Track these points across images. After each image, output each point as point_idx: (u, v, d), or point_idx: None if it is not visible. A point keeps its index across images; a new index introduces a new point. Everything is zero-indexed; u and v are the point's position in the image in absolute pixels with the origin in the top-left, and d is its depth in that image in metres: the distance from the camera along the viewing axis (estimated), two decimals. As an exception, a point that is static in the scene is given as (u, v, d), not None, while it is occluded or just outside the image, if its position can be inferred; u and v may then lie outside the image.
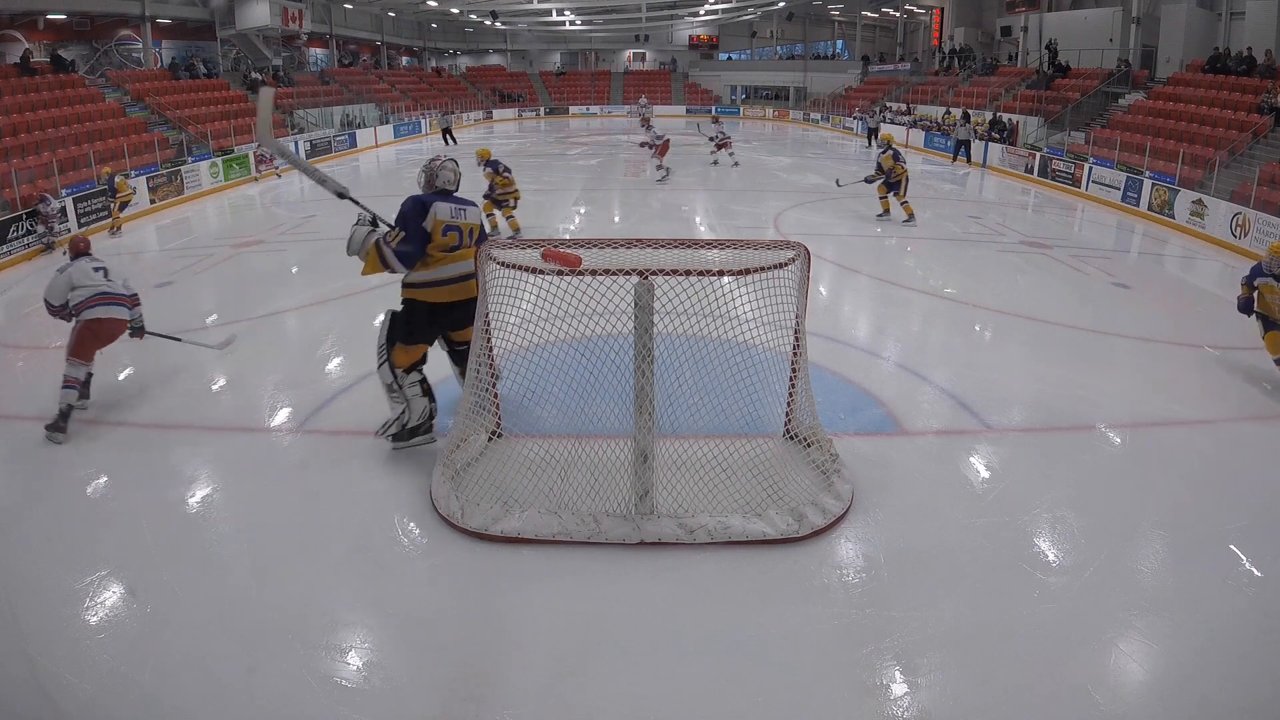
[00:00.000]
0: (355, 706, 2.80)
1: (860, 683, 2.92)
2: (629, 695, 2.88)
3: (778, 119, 34.42)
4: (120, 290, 5.23)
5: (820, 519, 3.80)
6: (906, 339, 6.77)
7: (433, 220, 4.25)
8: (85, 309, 5.01)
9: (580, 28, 38.20)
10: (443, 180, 4.48)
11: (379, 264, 4.27)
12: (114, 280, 5.22)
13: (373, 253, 4.26)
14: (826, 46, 40.28)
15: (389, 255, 4.21)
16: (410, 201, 4.28)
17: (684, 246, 3.88)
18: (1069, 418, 5.14)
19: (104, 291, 5.09)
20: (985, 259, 9.85)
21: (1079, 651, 3.07)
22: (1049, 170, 16.30)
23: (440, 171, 4.49)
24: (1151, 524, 3.98)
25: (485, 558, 3.62)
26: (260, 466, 4.53)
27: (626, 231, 10.46)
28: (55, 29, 19.51)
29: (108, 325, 5.10)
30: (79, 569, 3.53)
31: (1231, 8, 17.96)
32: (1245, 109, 14.29)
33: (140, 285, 8.62)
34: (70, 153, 13.54)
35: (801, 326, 4.18)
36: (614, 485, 3.84)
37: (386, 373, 4.46)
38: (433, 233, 4.25)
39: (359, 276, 4.80)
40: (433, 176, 4.49)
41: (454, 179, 4.54)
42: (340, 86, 26.97)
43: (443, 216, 4.27)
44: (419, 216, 4.24)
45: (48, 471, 4.42)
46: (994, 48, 27.65)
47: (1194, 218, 11.70)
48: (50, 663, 2.99)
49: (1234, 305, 6.16)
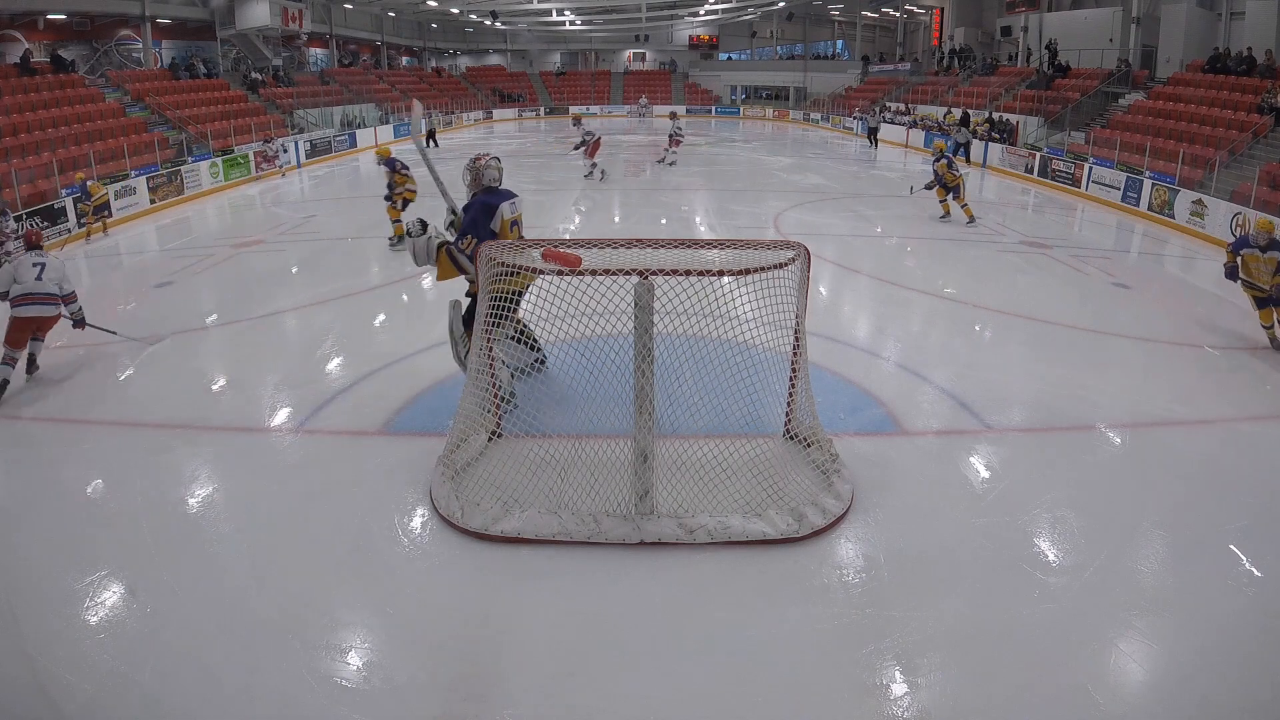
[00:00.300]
0: (355, 706, 2.80)
1: (860, 683, 2.92)
2: (629, 695, 2.88)
3: (778, 119, 34.42)
4: (51, 290, 5.66)
5: (820, 519, 3.80)
6: (906, 339, 6.77)
7: (500, 220, 4.54)
8: (15, 305, 5.56)
9: (580, 28, 38.20)
10: (489, 178, 4.66)
11: (454, 269, 4.52)
12: (47, 279, 5.67)
13: (444, 260, 4.48)
14: (826, 46, 40.28)
15: (462, 260, 4.47)
16: (478, 208, 4.51)
17: (684, 246, 3.88)
18: (1069, 418, 5.13)
19: (30, 292, 5.57)
20: (985, 259, 9.85)
21: (1079, 651, 3.07)
22: (1049, 170, 16.30)
23: (485, 170, 4.67)
24: (1151, 524, 3.98)
25: (485, 558, 3.62)
26: (260, 466, 4.53)
27: (626, 231, 10.46)
28: (55, 29, 19.51)
29: (34, 321, 5.62)
30: (79, 569, 3.53)
31: (1231, 8, 17.97)
32: (1245, 109, 14.29)
33: (140, 285, 8.68)
34: (70, 153, 13.54)
35: (801, 326, 4.18)
36: (614, 485, 3.84)
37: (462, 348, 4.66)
38: (500, 231, 4.53)
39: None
40: (478, 175, 4.66)
41: (498, 175, 4.74)
42: (340, 86, 26.97)
43: (508, 215, 4.56)
44: (488, 219, 4.50)
45: (48, 471, 4.42)
46: (994, 48, 27.66)
47: (1194, 218, 11.70)
48: (50, 663, 2.99)
49: (1234, 306, 6.19)
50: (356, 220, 11.97)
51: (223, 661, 2.99)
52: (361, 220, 11.73)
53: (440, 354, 5.99)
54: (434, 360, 5.92)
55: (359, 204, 13.04)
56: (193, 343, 6.70)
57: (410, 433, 4.82)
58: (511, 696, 2.86)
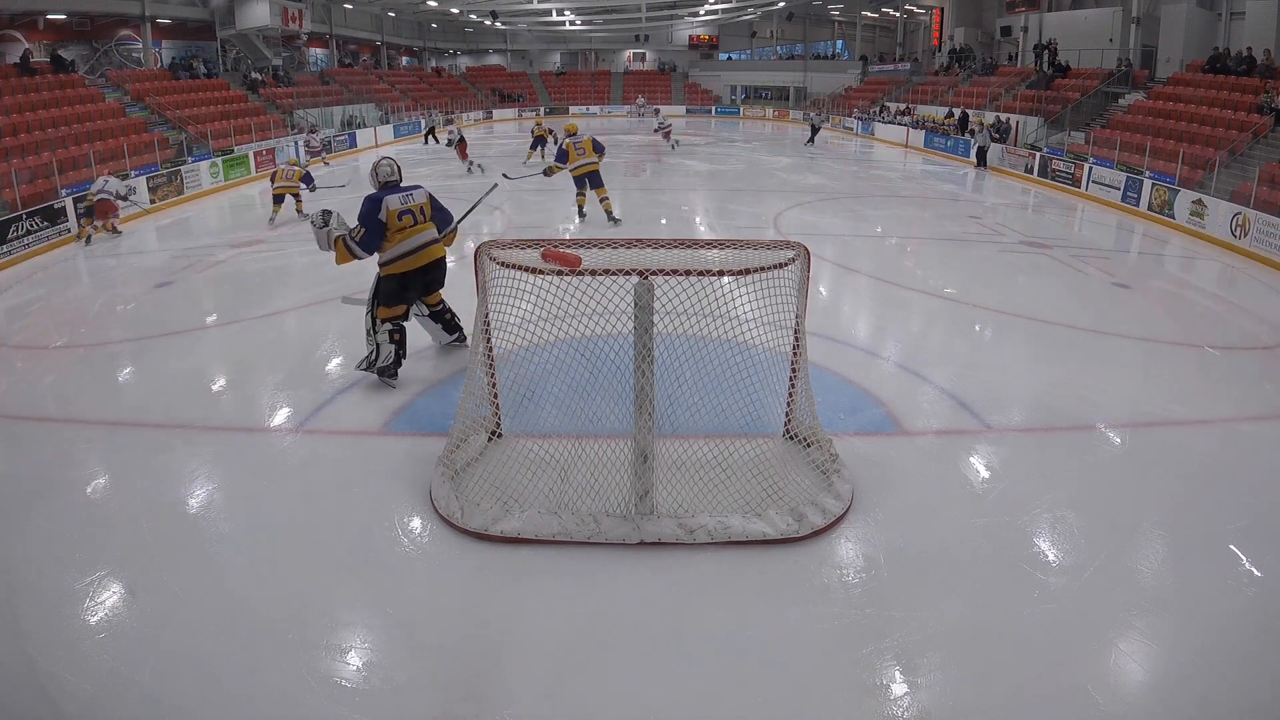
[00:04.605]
0: (355, 706, 2.80)
1: (860, 683, 2.91)
2: (629, 695, 2.87)
3: (778, 119, 34.42)
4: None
5: (820, 519, 3.79)
6: (906, 339, 6.77)
7: (385, 211, 5.19)
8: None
9: (580, 28, 38.21)
10: (383, 175, 5.40)
11: (348, 255, 5.24)
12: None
13: (340, 248, 5.24)
14: (826, 46, 40.29)
15: (354, 247, 5.22)
16: (366, 202, 5.22)
17: (684, 246, 3.87)
18: (1069, 418, 5.13)
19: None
20: (985, 259, 9.85)
21: (1079, 651, 3.07)
22: (1049, 170, 16.30)
23: (380, 169, 5.42)
24: (1151, 524, 3.98)
25: (485, 558, 3.62)
26: (260, 466, 4.52)
27: (626, 231, 10.45)
28: (55, 29, 19.51)
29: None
30: (79, 569, 3.53)
31: (1231, 8, 17.97)
32: (1245, 109, 14.29)
33: (140, 285, 8.67)
34: (70, 153, 13.54)
35: (801, 326, 4.18)
36: (614, 485, 3.84)
37: (367, 320, 5.48)
38: (388, 220, 5.19)
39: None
40: (376, 174, 5.43)
41: (393, 172, 5.44)
42: (340, 86, 26.97)
43: (393, 206, 5.22)
44: (374, 212, 5.18)
45: (48, 471, 4.42)
46: (994, 48, 27.66)
47: (1194, 218, 11.70)
48: (50, 663, 2.99)
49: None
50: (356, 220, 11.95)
51: (223, 661, 2.99)
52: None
53: (441, 354, 6.01)
54: (434, 361, 5.93)
55: (359, 204, 13.03)
56: (193, 343, 6.71)
57: (410, 433, 4.83)
58: (511, 696, 2.86)
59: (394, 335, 5.36)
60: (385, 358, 5.35)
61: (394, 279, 5.31)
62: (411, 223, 5.27)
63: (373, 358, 5.40)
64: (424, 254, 5.31)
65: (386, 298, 5.33)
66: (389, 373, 5.39)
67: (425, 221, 5.33)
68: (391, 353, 5.35)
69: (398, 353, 5.39)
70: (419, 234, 5.29)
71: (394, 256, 5.26)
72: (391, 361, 5.36)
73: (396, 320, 5.37)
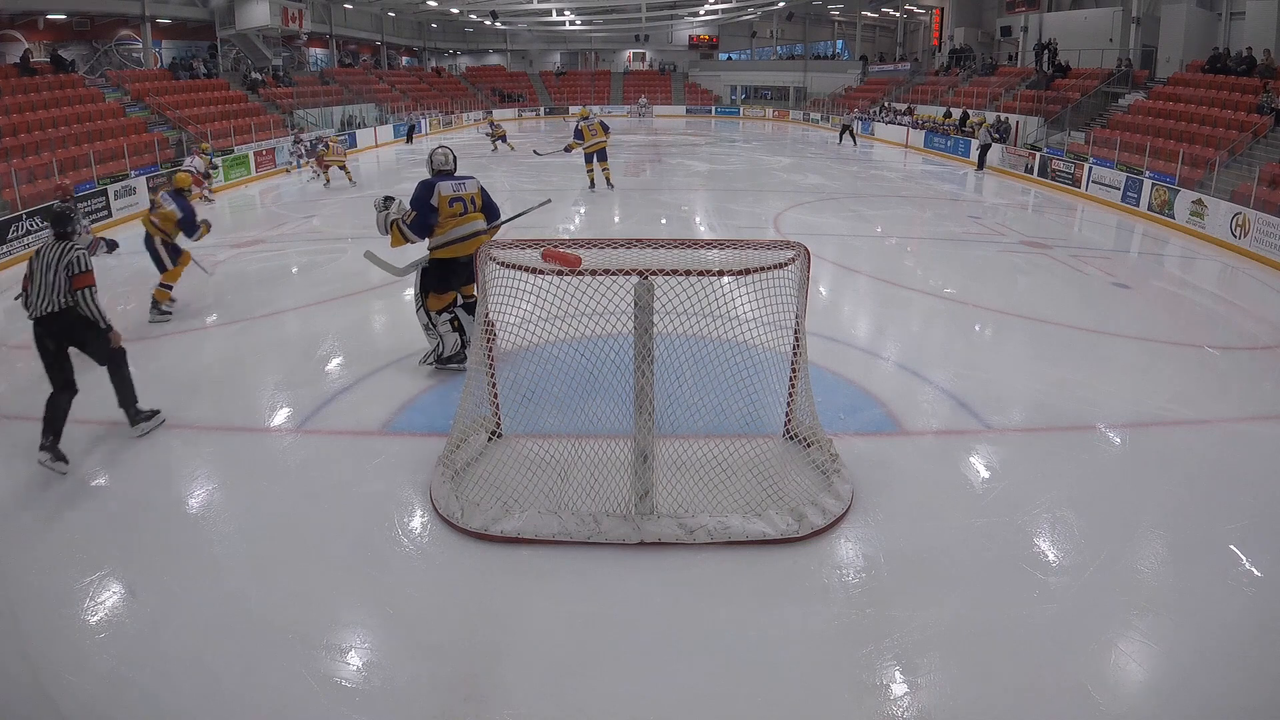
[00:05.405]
0: (355, 706, 2.80)
1: (860, 683, 2.91)
2: (629, 695, 2.87)
3: (777, 119, 34.43)
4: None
5: (820, 519, 3.79)
6: (906, 339, 6.77)
7: (438, 196, 5.32)
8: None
9: (580, 28, 38.22)
10: (438, 162, 5.56)
11: (401, 238, 5.41)
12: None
13: (394, 231, 5.41)
14: (826, 46, 40.29)
15: (406, 230, 5.36)
16: (420, 186, 5.37)
17: (684, 246, 3.87)
18: (1069, 418, 5.13)
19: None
20: (985, 259, 9.85)
21: (1079, 651, 3.06)
22: (1049, 170, 16.31)
23: (435, 156, 5.60)
24: (1151, 524, 3.98)
25: (485, 558, 3.62)
26: (260, 466, 4.52)
27: (626, 231, 10.46)
28: (55, 29, 19.52)
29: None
30: (79, 569, 3.53)
31: (1231, 8, 17.97)
32: (1245, 109, 14.29)
33: (140, 285, 8.65)
34: (70, 153, 13.54)
35: (801, 326, 4.18)
36: (614, 485, 3.84)
37: (422, 315, 5.60)
38: (439, 206, 5.33)
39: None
40: (431, 161, 5.60)
41: (448, 160, 5.59)
42: (340, 86, 26.97)
43: (446, 192, 5.36)
44: (426, 196, 5.32)
45: (48, 471, 4.42)
46: (994, 48, 27.66)
47: (1194, 218, 11.70)
48: (50, 663, 2.99)
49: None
50: (357, 220, 11.96)
51: (223, 661, 2.99)
52: (362, 220, 11.71)
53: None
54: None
55: (359, 204, 13.03)
56: (193, 342, 6.70)
57: (410, 433, 4.83)
58: (511, 696, 2.86)
59: (454, 323, 5.59)
60: (452, 346, 5.59)
61: (441, 264, 5.45)
62: (462, 210, 5.41)
63: (439, 350, 5.59)
64: (472, 243, 5.37)
65: (435, 285, 5.49)
66: (458, 358, 5.59)
67: (475, 211, 5.48)
68: (456, 340, 5.59)
69: (461, 339, 5.61)
70: (468, 223, 5.43)
71: (444, 241, 5.40)
72: (458, 350, 5.60)
73: (449, 307, 5.59)
